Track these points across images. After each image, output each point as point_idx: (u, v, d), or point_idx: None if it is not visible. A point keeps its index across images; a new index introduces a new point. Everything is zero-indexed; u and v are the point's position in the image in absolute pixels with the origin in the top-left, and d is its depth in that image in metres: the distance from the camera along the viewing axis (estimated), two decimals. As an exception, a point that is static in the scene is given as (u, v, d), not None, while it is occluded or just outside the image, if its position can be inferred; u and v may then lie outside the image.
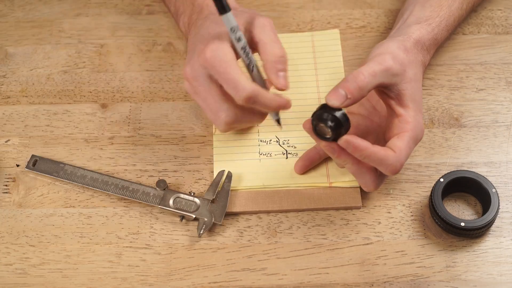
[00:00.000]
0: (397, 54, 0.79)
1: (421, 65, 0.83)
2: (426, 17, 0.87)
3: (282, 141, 0.87)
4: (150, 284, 0.80)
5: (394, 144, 0.77)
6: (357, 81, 0.75)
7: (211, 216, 0.81)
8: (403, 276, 0.79)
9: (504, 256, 0.80)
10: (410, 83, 0.79)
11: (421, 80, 0.81)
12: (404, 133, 0.77)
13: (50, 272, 0.81)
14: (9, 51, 0.97)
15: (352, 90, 0.74)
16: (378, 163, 0.76)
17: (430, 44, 0.85)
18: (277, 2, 1.00)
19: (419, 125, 0.78)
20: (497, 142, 0.87)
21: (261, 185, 0.84)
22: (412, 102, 0.78)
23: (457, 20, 0.90)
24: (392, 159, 0.76)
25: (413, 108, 0.78)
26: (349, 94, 0.74)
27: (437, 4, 0.88)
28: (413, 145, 0.78)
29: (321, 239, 0.82)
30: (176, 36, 0.97)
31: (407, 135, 0.77)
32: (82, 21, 0.99)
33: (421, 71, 0.82)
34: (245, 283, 0.79)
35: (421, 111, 0.80)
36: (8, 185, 0.86)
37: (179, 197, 0.83)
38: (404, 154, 0.77)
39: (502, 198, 0.83)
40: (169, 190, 0.83)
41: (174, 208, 0.82)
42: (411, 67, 0.80)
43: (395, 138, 0.77)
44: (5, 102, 0.93)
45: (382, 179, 0.80)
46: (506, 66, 0.93)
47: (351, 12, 0.99)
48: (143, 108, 0.92)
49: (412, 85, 0.79)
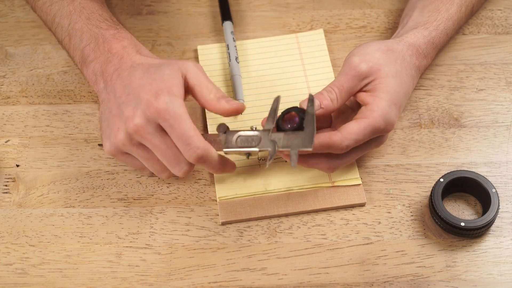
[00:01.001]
0: (370, 56, 0.80)
1: (412, 67, 0.83)
2: (423, 21, 0.87)
3: None
4: (150, 284, 0.80)
5: (346, 126, 0.78)
6: (330, 96, 0.80)
7: (274, 146, 0.78)
8: (403, 276, 0.79)
9: (504, 256, 0.80)
10: (385, 78, 0.80)
11: (406, 79, 0.81)
12: (363, 118, 0.78)
13: (50, 272, 0.81)
14: (9, 51, 0.97)
15: (326, 103, 0.80)
16: (324, 149, 0.77)
17: (426, 48, 0.85)
18: (277, 2, 1.00)
19: (386, 116, 0.78)
20: (497, 142, 0.87)
21: (263, 190, 0.84)
22: (385, 93, 0.79)
23: (456, 23, 0.90)
24: (337, 142, 0.77)
25: (384, 99, 0.79)
26: (322, 105, 0.80)
27: (435, 8, 0.88)
28: (369, 133, 0.78)
29: (321, 239, 0.82)
30: (176, 36, 0.97)
31: (364, 121, 0.78)
32: (82, 21, 0.99)
33: (409, 72, 0.82)
34: (245, 283, 0.79)
35: (396, 105, 0.80)
36: (8, 185, 0.86)
37: (240, 136, 0.80)
38: (353, 138, 0.77)
39: (502, 198, 0.83)
40: (230, 132, 0.81)
41: (237, 147, 0.80)
42: (390, 65, 0.80)
43: (351, 122, 0.78)
44: (5, 102, 0.93)
45: (336, 164, 0.81)
46: (506, 66, 0.93)
47: (351, 12, 0.99)
48: (143, 108, 0.92)
49: (389, 79, 0.80)
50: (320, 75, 0.92)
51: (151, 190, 0.85)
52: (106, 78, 0.80)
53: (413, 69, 0.83)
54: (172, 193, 0.85)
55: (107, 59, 0.81)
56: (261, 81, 0.92)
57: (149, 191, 0.85)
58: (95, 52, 0.83)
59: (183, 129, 0.75)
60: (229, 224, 0.83)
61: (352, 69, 0.80)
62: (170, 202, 0.85)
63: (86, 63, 0.83)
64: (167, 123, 0.75)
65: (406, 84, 0.81)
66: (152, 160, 0.79)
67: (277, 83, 0.92)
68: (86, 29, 0.84)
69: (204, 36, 0.98)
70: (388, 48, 0.82)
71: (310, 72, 0.92)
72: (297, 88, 0.91)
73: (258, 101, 0.90)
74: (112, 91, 0.79)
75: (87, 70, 0.83)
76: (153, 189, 0.85)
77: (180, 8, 1.01)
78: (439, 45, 0.88)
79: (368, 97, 0.79)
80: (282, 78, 0.92)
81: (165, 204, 0.85)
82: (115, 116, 0.78)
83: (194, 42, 0.97)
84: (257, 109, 0.89)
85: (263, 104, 0.89)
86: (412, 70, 0.83)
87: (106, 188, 0.86)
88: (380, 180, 0.85)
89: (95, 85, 0.82)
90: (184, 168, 0.78)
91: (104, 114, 0.79)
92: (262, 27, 0.98)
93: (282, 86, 0.91)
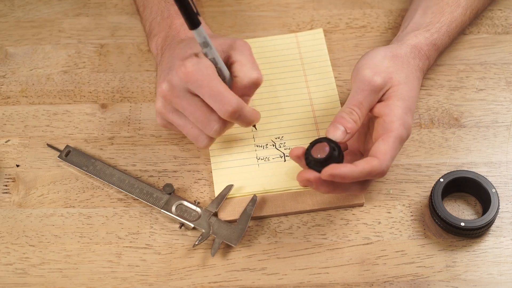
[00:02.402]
0: (380, 67, 0.79)
1: (416, 69, 0.82)
2: (426, 23, 0.87)
3: (279, 145, 0.87)
4: (150, 284, 0.80)
5: (378, 148, 0.76)
6: (352, 118, 0.77)
7: (209, 229, 0.80)
8: (403, 276, 0.79)
9: (504, 256, 0.80)
10: (398, 86, 0.79)
11: (414, 83, 0.81)
12: (388, 133, 0.76)
13: (50, 272, 0.81)
14: (9, 51, 0.97)
15: (350, 126, 0.77)
16: (365, 177, 0.75)
17: (428, 50, 0.85)
18: (277, 2, 1.00)
19: (405, 124, 0.77)
20: (497, 142, 0.87)
21: (262, 190, 0.84)
22: (400, 101, 0.78)
23: (460, 26, 0.89)
24: (377, 167, 0.75)
25: (400, 107, 0.78)
26: (348, 130, 0.77)
27: (439, 10, 0.88)
28: (399, 145, 0.77)
29: (321, 239, 0.82)
30: (176, 36, 0.98)
31: (392, 136, 0.76)
32: (82, 21, 0.99)
33: (415, 75, 0.82)
34: (245, 283, 0.79)
35: (411, 110, 0.79)
36: (8, 185, 0.86)
37: (182, 204, 0.82)
38: (389, 157, 0.76)
39: (502, 198, 0.83)
40: (174, 196, 0.83)
41: (176, 214, 0.82)
42: (399, 72, 0.80)
43: (379, 141, 0.76)
44: (5, 102, 0.93)
45: (368, 183, 0.79)
46: (506, 66, 0.93)
47: (351, 12, 0.99)
48: (143, 108, 0.92)
49: (402, 86, 0.79)
50: (319, 74, 0.92)
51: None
52: (163, 50, 0.84)
53: (417, 71, 0.83)
54: (172, 193, 0.85)
55: (167, 34, 0.86)
56: None
57: (149, 191, 0.86)
58: (159, 26, 0.87)
59: (213, 87, 0.75)
60: (229, 224, 0.83)
61: (367, 84, 0.78)
62: (170, 202, 0.85)
63: (151, 36, 0.88)
64: (196, 84, 0.76)
65: (415, 87, 0.81)
66: (186, 126, 0.80)
67: (276, 82, 0.92)
68: (156, 2, 0.89)
69: (204, 36, 0.98)
70: (393, 54, 0.81)
71: (309, 71, 0.92)
72: (296, 88, 0.91)
73: (257, 101, 0.90)
74: (161, 62, 0.83)
75: (151, 42, 0.88)
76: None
77: (180, 8, 1.01)
78: (441, 47, 0.88)
79: (384, 108, 0.78)
80: (281, 77, 0.92)
81: (165, 204, 0.85)
82: (157, 85, 0.80)
83: (194, 42, 0.97)
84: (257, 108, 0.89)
85: (262, 103, 0.90)
86: (417, 72, 0.82)
87: (106, 188, 0.86)
88: (380, 180, 0.85)
89: (157, 57, 0.86)
90: (215, 126, 0.78)
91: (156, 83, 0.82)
92: (262, 27, 0.98)
93: (281, 85, 0.91)
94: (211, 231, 0.80)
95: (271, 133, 0.88)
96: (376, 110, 0.79)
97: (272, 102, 0.90)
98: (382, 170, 0.75)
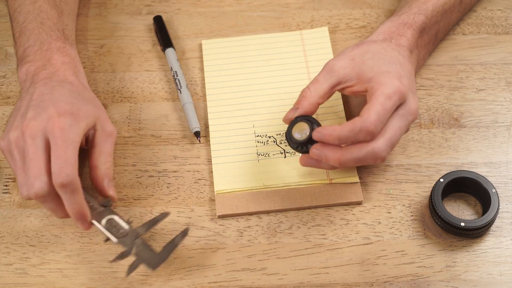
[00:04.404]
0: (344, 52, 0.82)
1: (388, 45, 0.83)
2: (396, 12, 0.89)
3: (279, 141, 0.87)
4: (150, 284, 0.80)
5: (362, 110, 0.77)
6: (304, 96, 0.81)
7: (131, 249, 0.78)
8: (403, 276, 0.79)
9: (504, 256, 0.80)
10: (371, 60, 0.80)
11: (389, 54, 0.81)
12: (372, 94, 0.77)
13: (50, 272, 0.81)
14: (9, 51, 0.97)
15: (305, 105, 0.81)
16: (353, 136, 0.76)
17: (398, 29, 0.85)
18: (277, 2, 1.00)
19: (390, 83, 0.77)
20: (497, 143, 0.87)
21: (261, 186, 0.84)
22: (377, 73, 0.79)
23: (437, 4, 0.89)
24: (359, 123, 0.76)
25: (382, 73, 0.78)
26: (296, 105, 0.81)
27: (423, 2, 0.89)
28: (387, 101, 0.77)
29: (321, 239, 0.82)
30: (176, 36, 0.97)
31: (375, 95, 0.77)
32: (82, 21, 0.99)
33: (390, 47, 0.82)
34: (245, 283, 0.79)
35: (396, 76, 0.78)
36: (8, 185, 0.86)
37: (112, 219, 0.80)
38: (373, 113, 0.76)
39: (502, 198, 0.83)
40: (108, 209, 0.80)
41: (104, 227, 0.80)
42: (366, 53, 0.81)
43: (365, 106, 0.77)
44: (5, 103, 0.93)
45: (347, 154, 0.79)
46: (506, 66, 0.93)
47: (351, 12, 0.99)
48: (143, 108, 0.92)
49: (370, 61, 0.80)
50: None
51: (151, 190, 0.85)
52: (34, 80, 0.82)
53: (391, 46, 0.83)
54: (172, 193, 0.85)
55: (44, 66, 0.83)
56: (263, 76, 0.92)
57: (149, 191, 0.85)
58: (35, 55, 0.84)
59: (67, 154, 0.75)
60: (229, 224, 0.83)
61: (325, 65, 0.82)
62: (170, 202, 0.85)
63: (23, 61, 0.85)
64: (55, 140, 0.75)
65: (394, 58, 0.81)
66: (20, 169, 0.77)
67: (279, 79, 0.92)
68: (36, 32, 0.86)
69: (204, 36, 0.98)
70: (359, 42, 0.83)
71: (313, 69, 0.93)
72: (299, 85, 0.91)
73: (259, 97, 0.90)
74: (31, 93, 0.80)
75: (21, 68, 0.84)
76: (153, 189, 0.85)
77: (180, 8, 1.01)
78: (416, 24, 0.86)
79: (369, 87, 0.79)
80: (284, 74, 0.92)
81: (165, 204, 0.85)
82: (19, 114, 0.79)
83: (194, 42, 0.97)
84: (259, 105, 0.90)
85: (265, 100, 0.90)
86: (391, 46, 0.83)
87: (106, 188, 0.86)
88: (380, 180, 0.85)
89: (23, 83, 0.84)
90: (38, 185, 0.75)
91: (14, 110, 0.81)
92: (262, 27, 0.98)
93: (284, 82, 0.92)
94: (132, 251, 0.78)
95: (273, 129, 0.88)
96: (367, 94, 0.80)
97: (275, 98, 0.90)
98: (366, 126, 0.75)
